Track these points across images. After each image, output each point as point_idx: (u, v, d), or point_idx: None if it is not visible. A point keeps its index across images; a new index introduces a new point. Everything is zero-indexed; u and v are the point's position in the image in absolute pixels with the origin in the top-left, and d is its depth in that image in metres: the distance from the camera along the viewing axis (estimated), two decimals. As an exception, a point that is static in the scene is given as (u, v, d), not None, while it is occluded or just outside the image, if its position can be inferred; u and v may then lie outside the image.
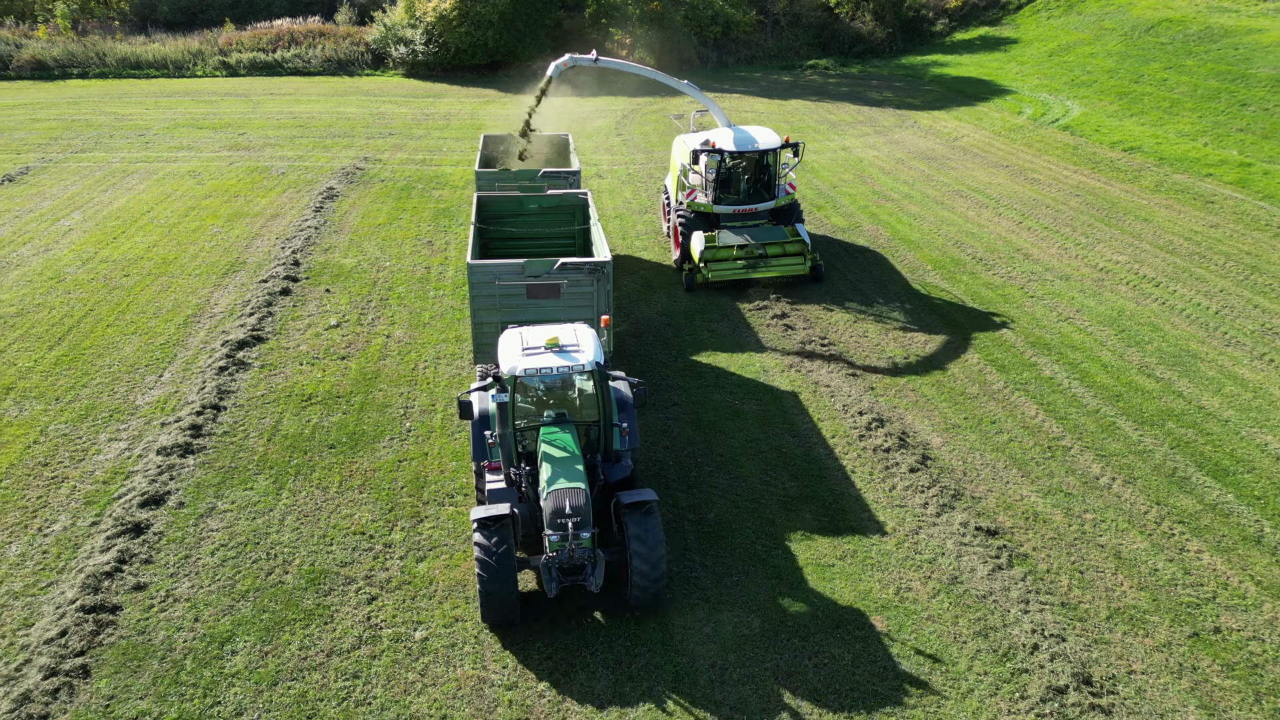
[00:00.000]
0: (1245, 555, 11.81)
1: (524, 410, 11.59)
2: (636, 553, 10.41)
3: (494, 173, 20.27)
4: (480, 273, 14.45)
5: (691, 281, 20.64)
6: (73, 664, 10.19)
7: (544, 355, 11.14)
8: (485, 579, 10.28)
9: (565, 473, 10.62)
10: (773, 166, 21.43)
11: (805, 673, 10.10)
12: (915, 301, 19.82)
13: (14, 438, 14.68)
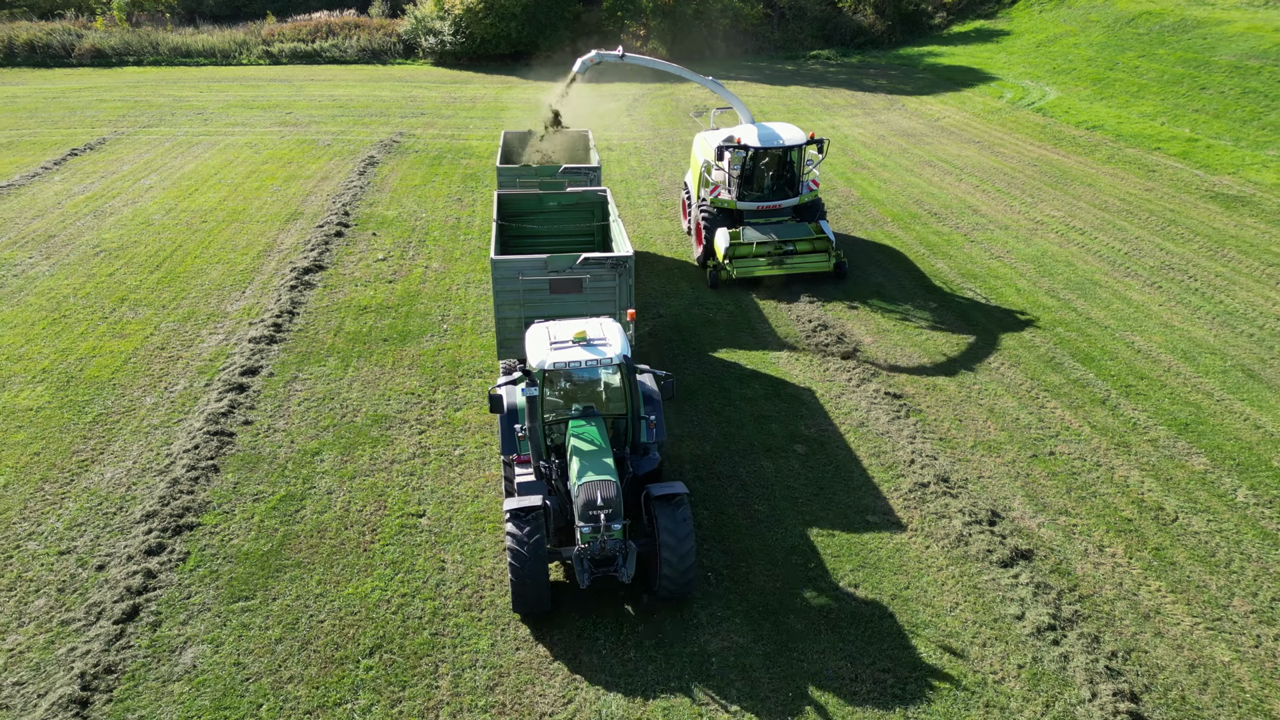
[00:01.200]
0: (1090, 411, 15.40)
1: (552, 404, 11.76)
2: (666, 544, 10.50)
3: (515, 169, 20.55)
4: (504, 268, 14.65)
5: (716, 279, 20.80)
6: (206, 464, 14.11)
7: (572, 349, 11.31)
8: (517, 569, 10.45)
9: (595, 465, 10.77)
10: (797, 163, 21.46)
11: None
12: (870, 248, 23.41)
13: (134, 331, 18.70)
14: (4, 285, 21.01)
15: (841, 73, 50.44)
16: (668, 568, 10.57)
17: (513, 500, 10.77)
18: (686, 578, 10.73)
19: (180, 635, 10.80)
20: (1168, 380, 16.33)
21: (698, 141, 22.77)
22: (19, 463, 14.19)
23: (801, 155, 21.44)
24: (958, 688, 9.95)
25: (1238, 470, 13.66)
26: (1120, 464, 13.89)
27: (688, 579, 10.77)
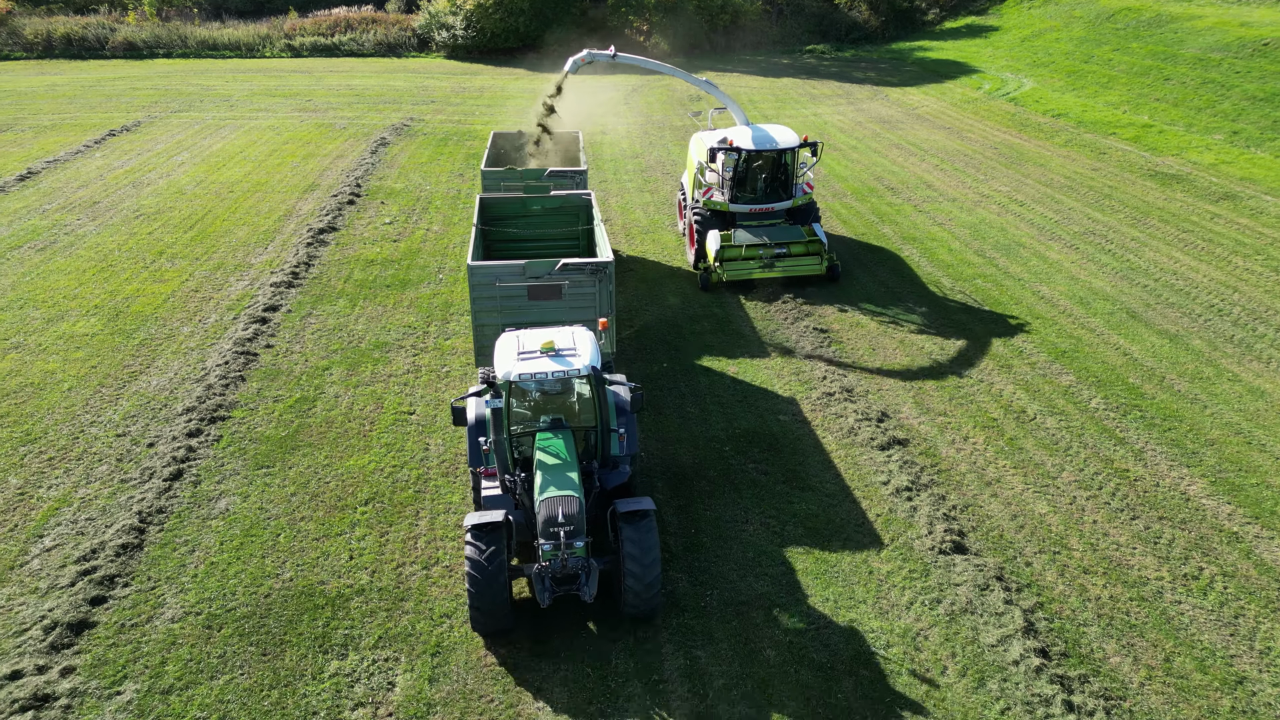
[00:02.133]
0: (985, 342, 17.98)
1: (520, 415, 11.51)
2: (630, 563, 10.30)
3: (500, 172, 20.19)
4: (481, 274, 14.32)
5: (707, 281, 20.72)
6: (234, 375, 17.00)
7: (539, 360, 11.07)
8: (475, 588, 10.18)
9: (559, 480, 10.56)
10: (790, 165, 21.45)
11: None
12: (824, 215, 26.03)
13: (172, 277, 21.67)
14: (57, 242, 24.07)
15: (833, 66, 53.01)
16: (632, 584, 10.35)
17: (474, 515, 10.55)
18: (651, 596, 10.48)
19: (216, 490, 13.67)
20: (1059, 319, 18.90)
21: (694, 142, 22.81)
22: (79, 373, 17.14)
23: (795, 158, 21.40)
24: (827, 529, 12.62)
25: (1097, 385, 16.25)
26: (999, 380, 16.50)
27: (653, 598, 10.52)
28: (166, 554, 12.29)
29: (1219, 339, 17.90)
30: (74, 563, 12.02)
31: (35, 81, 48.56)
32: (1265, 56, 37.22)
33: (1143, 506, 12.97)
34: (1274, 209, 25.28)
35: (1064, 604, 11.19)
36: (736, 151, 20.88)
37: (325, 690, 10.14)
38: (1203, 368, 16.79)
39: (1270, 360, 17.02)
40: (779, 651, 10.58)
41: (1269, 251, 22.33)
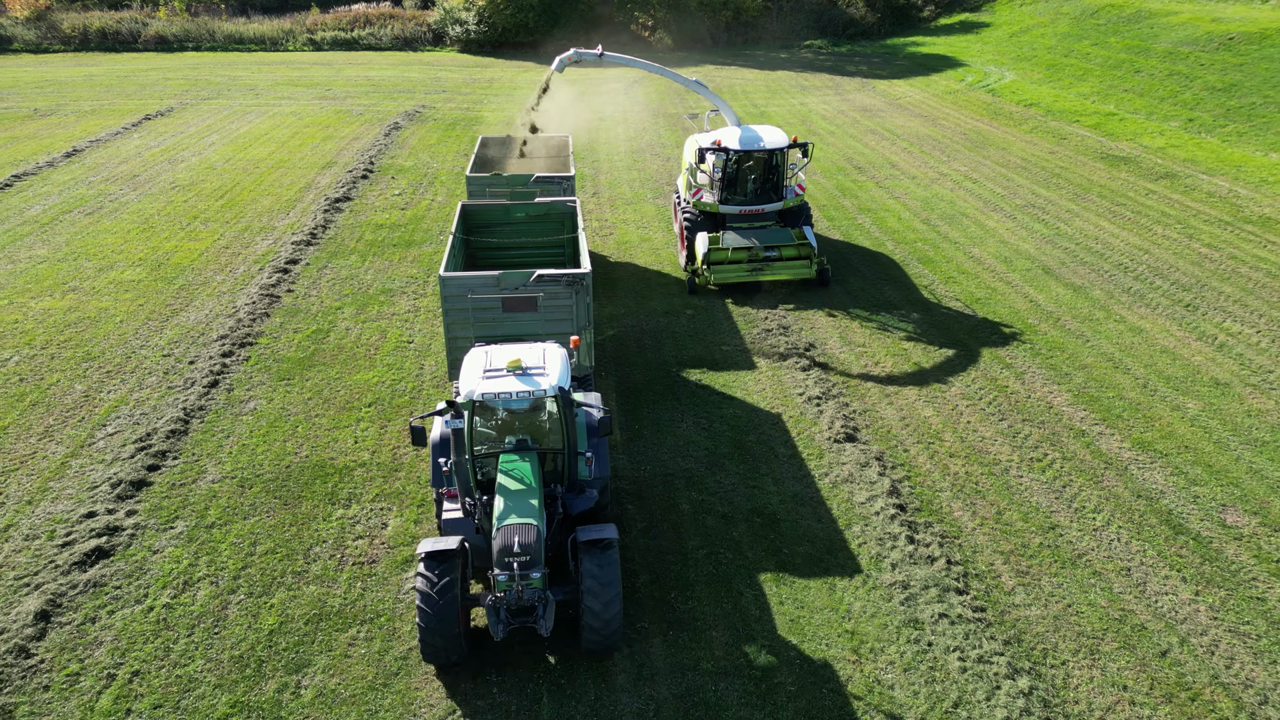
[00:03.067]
0: (911, 291, 20.63)
1: (485, 435, 11.14)
2: (590, 594, 9.94)
3: (485, 177, 19.86)
4: (453, 285, 13.97)
5: (694, 284, 20.59)
6: (260, 312, 19.95)
7: (505, 378, 10.75)
8: (426, 617, 9.84)
9: (518, 507, 10.20)
10: (781, 167, 21.31)
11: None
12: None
13: (205, 237, 24.70)
14: (103, 207, 27.19)
15: (829, 60, 55.60)
16: (591, 618, 9.98)
17: (429, 541, 10.24)
18: (612, 631, 10.12)
19: (246, 395, 16.59)
20: (981, 274, 21.52)
21: (688, 145, 22.72)
22: (129, 310, 20.15)
23: (785, 159, 21.37)
24: (746, 426, 15.35)
25: (999, 324, 18.86)
26: (918, 319, 19.17)
27: (613, 633, 10.15)
28: (206, 438, 15.22)
29: (1117, 290, 20.46)
30: (133, 443, 14.97)
31: (74, 71, 52.09)
32: (1229, 50, 39.49)
33: (1012, 412, 15.62)
34: (1206, 186, 27.70)
35: (926, 477, 13.88)
36: (725, 152, 20.74)
37: (333, 527, 13.00)
38: (1095, 312, 19.37)
39: (1157, 306, 19.57)
40: (693, 507, 13.34)
41: (1189, 221, 24.79)
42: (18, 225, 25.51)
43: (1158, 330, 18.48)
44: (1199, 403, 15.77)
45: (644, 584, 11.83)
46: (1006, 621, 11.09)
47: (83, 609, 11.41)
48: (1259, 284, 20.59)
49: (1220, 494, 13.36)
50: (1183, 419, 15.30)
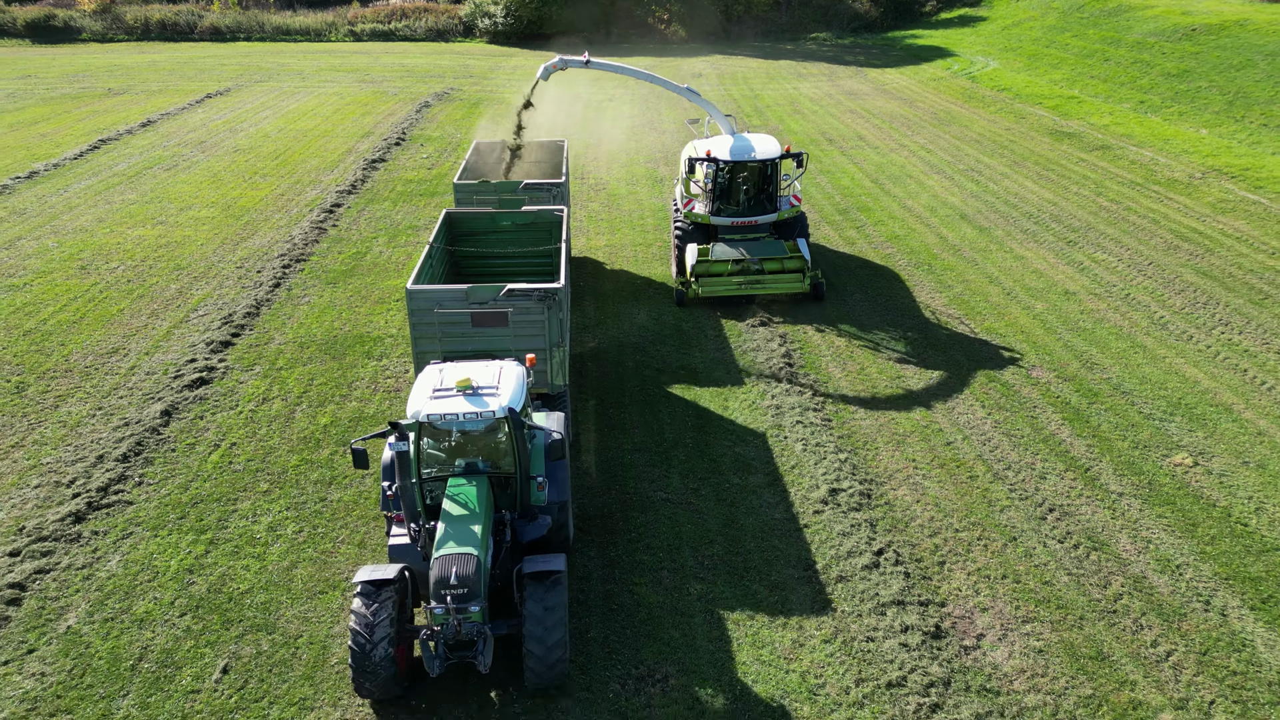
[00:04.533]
0: (845, 229, 25.04)
1: (435, 458, 10.84)
2: (532, 631, 9.68)
3: (473, 184, 19.61)
4: (420, 299, 13.65)
5: (682, 296, 20.29)
6: (311, 241, 24.90)
7: (453, 399, 10.48)
8: (357, 653, 9.53)
9: (458, 535, 9.93)
10: (775, 177, 20.92)
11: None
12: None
13: (264, 187, 29.78)
14: (178, 165, 32.42)
15: (830, 51, 59.87)
16: (532, 659, 9.73)
17: (367, 570, 9.92)
18: (555, 669, 9.82)
19: (302, 293, 21.48)
20: (907, 219, 25.87)
21: (685, 152, 22.30)
22: (206, 237, 25.17)
23: (778, 169, 20.93)
24: (703, 378, 19.88)
25: (909, 253, 23.26)
26: (844, 252, 23.56)
27: (557, 670, 9.85)
28: (273, 318, 20.11)
29: (1016, 230, 24.73)
30: (219, 320, 19.89)
31: (139, 58, 57.97)
32: (1190, 40, 43.22)
33: (894, 309, 20.04)
34: (1133, 156, 31.73)
35: (818, 351, 18.33)
36: (715, 163, 20.51)
37: (369, 371, 17.79)
38: (990, 245, 23.67)
39: (1044, 242, 23.81)
40: (673, 417, 17.91)
41: (1103, 182, 28.89)
42: (109, 177, 30.81)
43: (1036, 258, 22.74)
44: (1045, 304, 20.07)
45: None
46: (844, 427, 15.55)
47: (193, 411, 16.31)
48: (1140, 228, 24.71)
49: (1035, 359, 17.71)
50: (1027, 314, 19.62)
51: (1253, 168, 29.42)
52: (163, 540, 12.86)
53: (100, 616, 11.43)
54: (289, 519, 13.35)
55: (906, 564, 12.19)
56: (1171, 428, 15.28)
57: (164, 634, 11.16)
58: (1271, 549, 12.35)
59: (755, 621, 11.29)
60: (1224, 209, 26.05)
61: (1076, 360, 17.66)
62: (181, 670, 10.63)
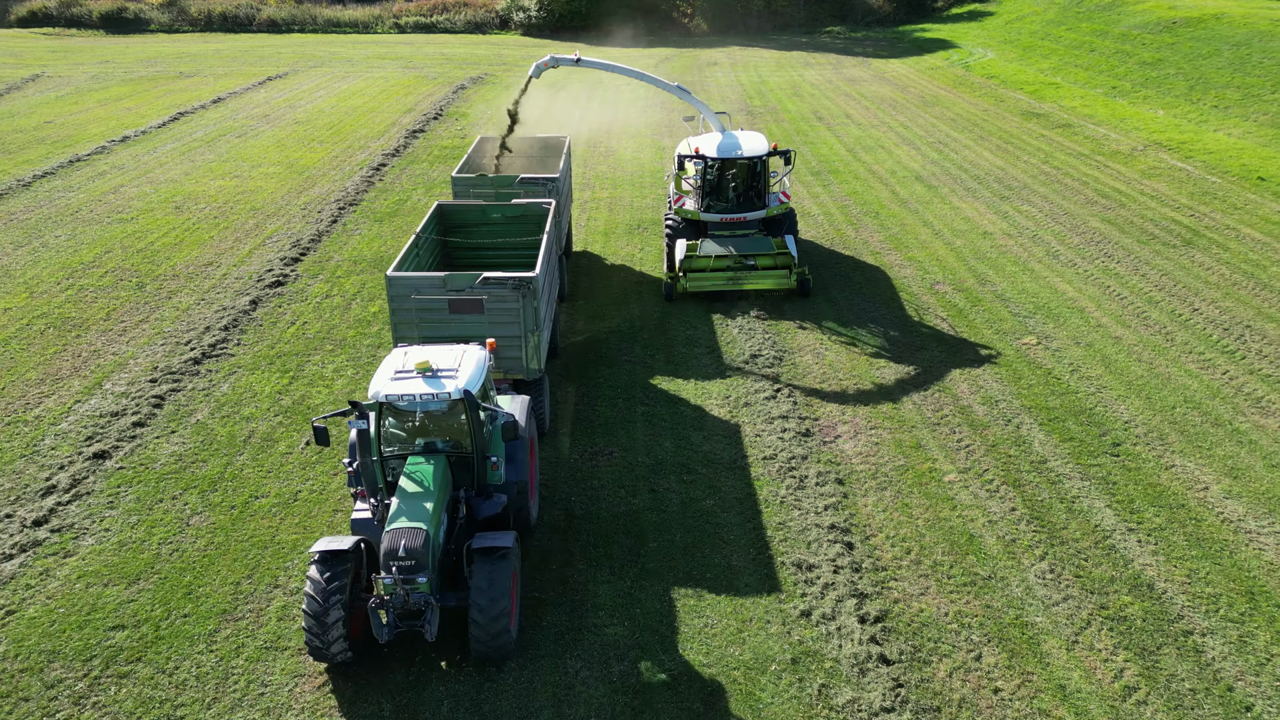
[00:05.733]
0: (812, 186, 29.43)
1: (396, 437, 11.46)
2: (477, 603, 10.17)
3: (470, 178, 20.40)
4: (399, 285, 14.27)
5: (671, 291, 20.78)
6: (361, 192, 29.94)
7: (413, 380, 11.03)
8: (311, 618, 10.10)
9: (410, 510, 10.51)
10: (763, 174, 21.49)
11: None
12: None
13: (321, 150, 34.95)
14: (246, 134, 37.75)
15: (841, 43, 64.04)
16: (477, 629, 10.28)
17: (325, 540, 10.55)
18: (499, 641, 10.40)
19: (354, 227, 26.42)
20: (869, 179, 30.21)
21: (680, 149, 22.79)
22: (274, 187, 30.30)
23: (767, 167, 21.56)
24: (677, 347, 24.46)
25: (862, 205, 27.62)
26: (810, 207, 27.97)
27: (501, 642, 10.42)
28: (333, 245, 25.07)
29: (959, 189, 28.96)
30: (288, 245, 24.87)
31: (203, 47, 63.99)
32: (1169, 32, 46.83)
33: (839, 242, 24.42)
34: (1089, 132, 35.67)
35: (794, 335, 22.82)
36: (703, 159, 21.25)
37: (407, 280, 22.61)
38: (934, 200, 27.93)
39: (981, 197, 28.02)
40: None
41: (1053, 153, 32.93)
42: (189, 142, 36.21)
43: (970, 210, 26.99)
44: (963, 241, 24.37)
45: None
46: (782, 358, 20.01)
47: (273, 302, 21.28)
48: (1069, 188, 28.80)
49: (942, 277, 22.03)
50: (947, 248, 23.94)
51: (1190, 141, 33.28)
52: (258, 376, 17.79)
53: (219, 415, 16.37)
54: (348, 366, 18.22)
55: (795, 397, 16.66)
56: (1031, 322, 19.57)
57: (264, 425, 16.05)
58: (1070, 392, 16.65)
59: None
60: (1151, 175, 30.01)
61: (974, 278, 21.96)
62: (277, 443, 15.49)
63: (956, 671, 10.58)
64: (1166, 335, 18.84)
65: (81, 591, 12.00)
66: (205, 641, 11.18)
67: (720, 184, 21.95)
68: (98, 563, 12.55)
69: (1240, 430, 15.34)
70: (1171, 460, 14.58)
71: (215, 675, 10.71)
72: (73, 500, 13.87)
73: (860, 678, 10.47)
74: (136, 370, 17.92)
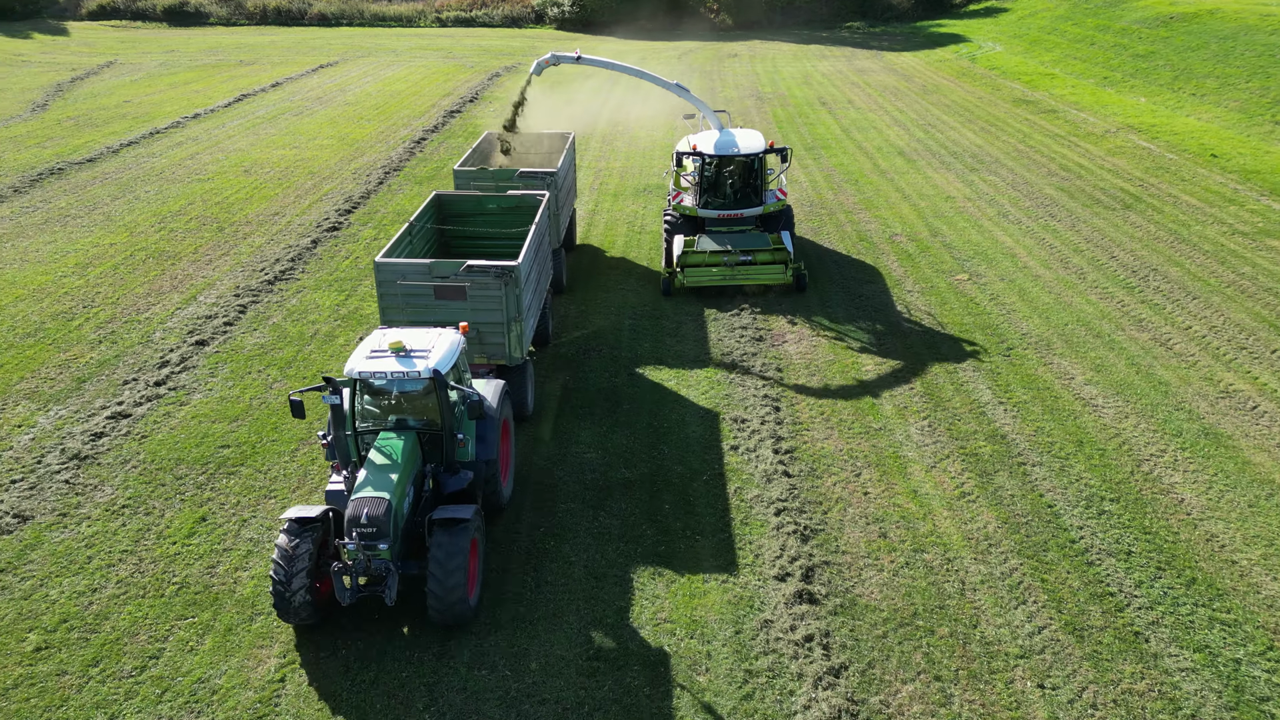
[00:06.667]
0: (805, 159, 33.03)
1: (370, 413, 12.07)
2: (434, 572, 10.74)
3: (472, 171, 21.11)
4: (386, 271, 14.89)
5: (668, 286, 21.25)
6: (403, 161, 34.17)
7: (385, 359, 11.61)
8: (277, 581, 10.76)
9: (376, 481, 11.07)
10: (760, 171, 22.09)
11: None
12: (764, 113, 41.16)
13: (368, 127, 39.30)
14: (302, 113, 42.24)
15: (859, 37, 67.34)
16: (433, 597, 10.82)
17: (297, 508, 11.16)
18: (455, 609, 10.91)
19: (399, 188, 30.59)
20: (855, 154, 33.76)
21: (679, 146, 23.27)
22: (328, 156, 34.61)
23: (764, 164, 22.17)
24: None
25: (845, 175, 31.20)
26: (798, 176, 31.59)
27: (457, 610, 10.93)
28: (379, 200, 29.24)
29: (935, 162, 32.40)
30: (342, 200, 29.09)
31: (260, 38, 69.06)
32: (1166, 26, 49.63)
33: (819, 207, 28.03)
34: (1071, 116, 38.83)
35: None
36: (700, 156, 21.87)
37: (442, 229, 26.71)
38: (910, 171, 31.42)
39: (953, 169, 31.45)
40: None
41: (1031, 134, 36.17)
42: (251, 119, 40.79)
43: (941, 179, 30.45)
44: (927, 203, 27.88)
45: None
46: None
47: (330, 243, 25.45)
48: (1036, 163, 32.10)
49: (901, 230, 25.58)
50: (912, 209, 27.48)
51: (1159, 124, 36.35)
52: (320, 293, 21.93)
53: (290, 319, 20.51)
54: (392, 288, 22.27)
55: (755, 313, 20.38)
56: (968, 264, 23.10)
57: (325, 326, 20.16)
58: (984, 313, 20.20)
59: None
60: (1115, 152, 33.19)
61: (928, 231, 25.49)
62: (337, 339, 19.58)
63: (839, 482, 14.29)
64: (1080, 275, 22.27)
65: (195, 425, 16.14)
66: (289, 455, 15.24)
67: (718, 181, 22.54)
68: (205, 409, 16.69)
69: (1115, 341, 18.80)
70: (1051, 359, 18.11)
71: (298, 474, 14.75)
72: (183, 371, 18.06)
73: (766, 484, 14.24)
74: (223, 289, 22.16)
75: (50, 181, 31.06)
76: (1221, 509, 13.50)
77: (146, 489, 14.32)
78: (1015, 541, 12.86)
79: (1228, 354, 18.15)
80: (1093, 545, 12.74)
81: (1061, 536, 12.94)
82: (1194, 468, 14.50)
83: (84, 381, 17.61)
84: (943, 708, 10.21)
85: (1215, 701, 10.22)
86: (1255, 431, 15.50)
